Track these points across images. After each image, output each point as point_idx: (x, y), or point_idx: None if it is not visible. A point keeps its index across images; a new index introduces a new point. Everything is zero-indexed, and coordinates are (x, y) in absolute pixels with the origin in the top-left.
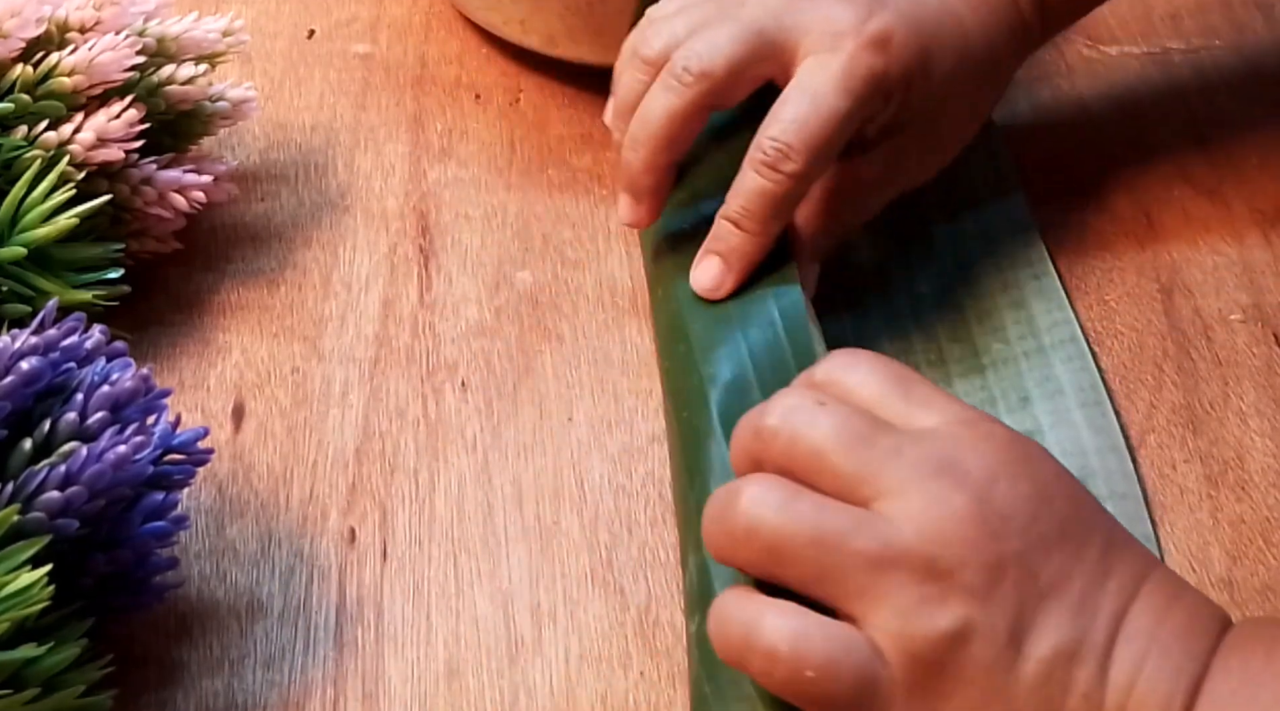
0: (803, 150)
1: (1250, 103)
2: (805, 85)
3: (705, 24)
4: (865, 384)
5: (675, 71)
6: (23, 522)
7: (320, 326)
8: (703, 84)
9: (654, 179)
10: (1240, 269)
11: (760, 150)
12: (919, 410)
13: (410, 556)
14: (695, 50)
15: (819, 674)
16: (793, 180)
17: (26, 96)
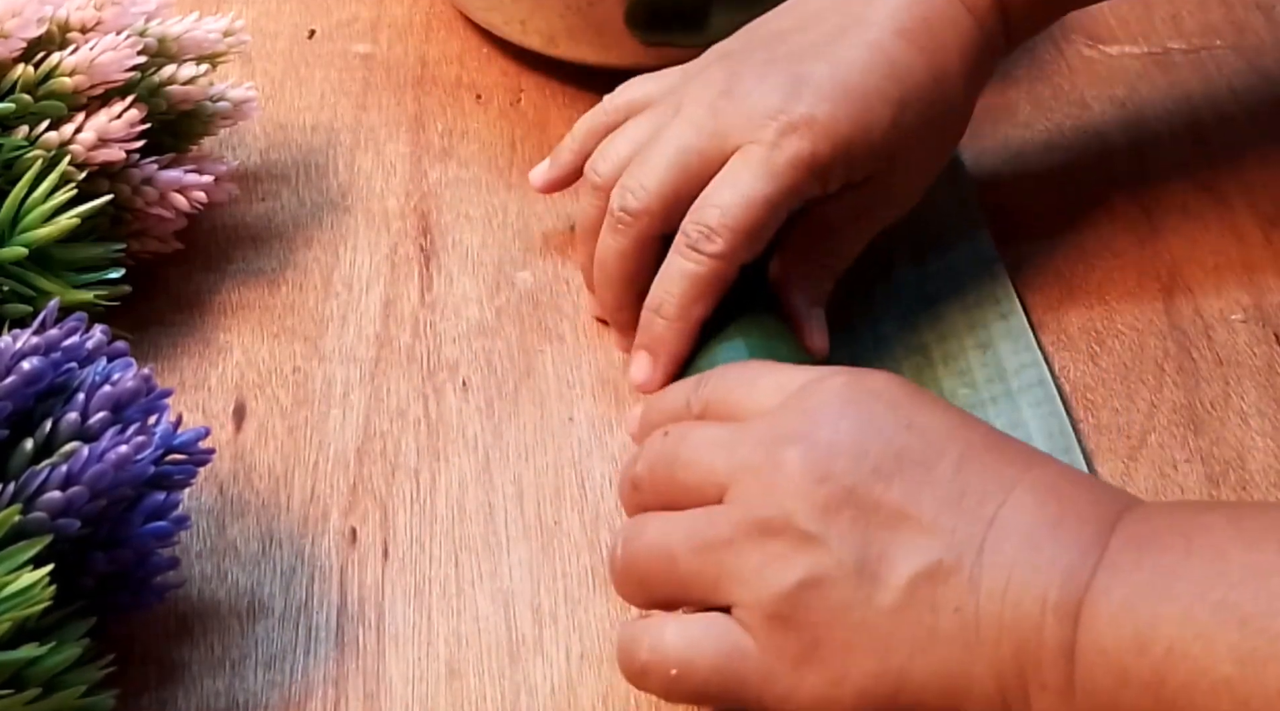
0: (725, 232)
1: (1251, 102)
2: (728, 174)
3: (647, 143)
4: (729, 392)
5: (615, 213)
6: (24, 522)
7: (321, 326)
8: (642, 221)
9: (630, 313)
10: (1241, 269)
11: (684, 234)
12: (766, 398)
13: (411, 556)
14: (630, 189)
15: (681, 668)
16: (715, 260)
17: (28, 96)
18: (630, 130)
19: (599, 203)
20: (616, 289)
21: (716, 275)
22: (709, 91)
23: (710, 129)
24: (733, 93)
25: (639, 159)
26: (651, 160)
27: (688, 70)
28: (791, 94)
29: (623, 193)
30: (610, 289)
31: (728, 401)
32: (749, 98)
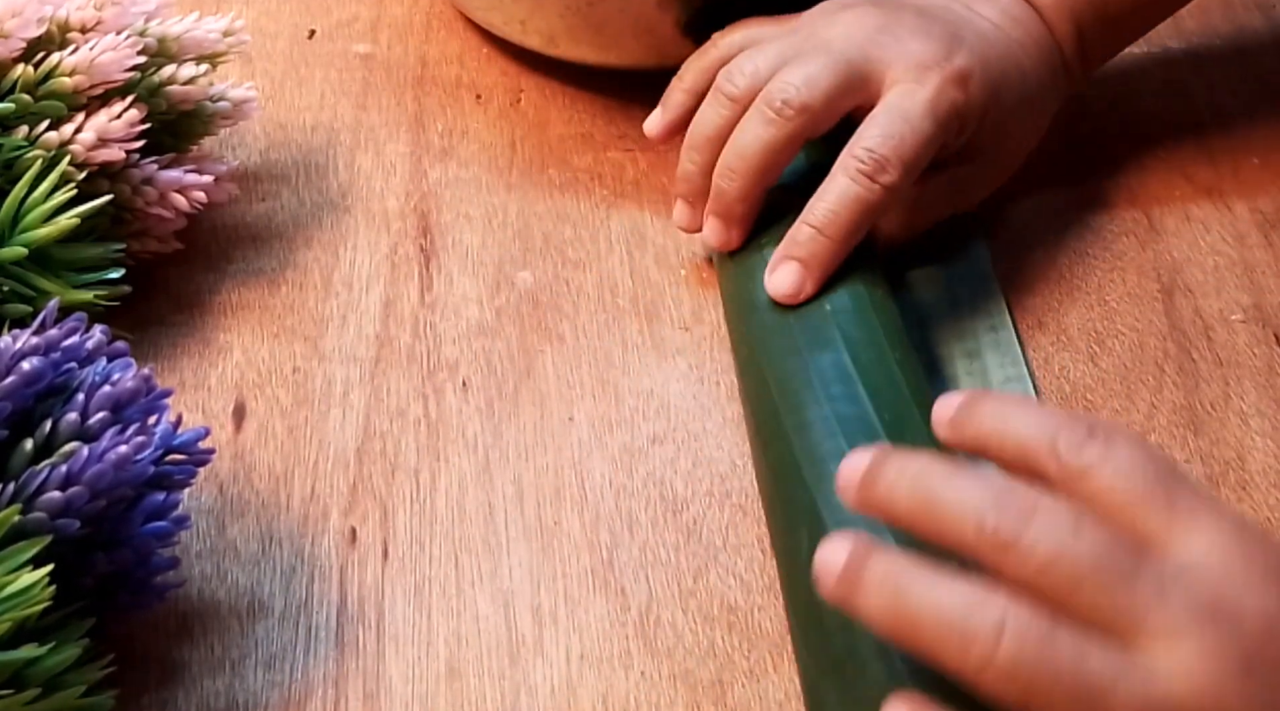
0: (899, 163)
1: (1251, 102)
2: (895, 106)
3: (789, 59)
4: (1126, 478)
5: (774, 105)
6: (24, 523)
7: (321, 326)
8: (803, 117)
9: (748, 207)
10: (1241, 269)
11: (857, 159)
12: (1185, 522)
13: (411, 556)
14: (793, 83)
15: None
16: (886, 191)
17: (27, 96)
18: (769, 49)
19: (727, 112)
20: (750, 180)
21: (883, 204)
22: (865, 25)
23: (872, 55)
24: (891, 31)
25: (797, 62)
26: (814, 63)
27: (813, 13)
28: (951, 46)
29: (785, 87)
30: (742, 177)
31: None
32: (910, 40)
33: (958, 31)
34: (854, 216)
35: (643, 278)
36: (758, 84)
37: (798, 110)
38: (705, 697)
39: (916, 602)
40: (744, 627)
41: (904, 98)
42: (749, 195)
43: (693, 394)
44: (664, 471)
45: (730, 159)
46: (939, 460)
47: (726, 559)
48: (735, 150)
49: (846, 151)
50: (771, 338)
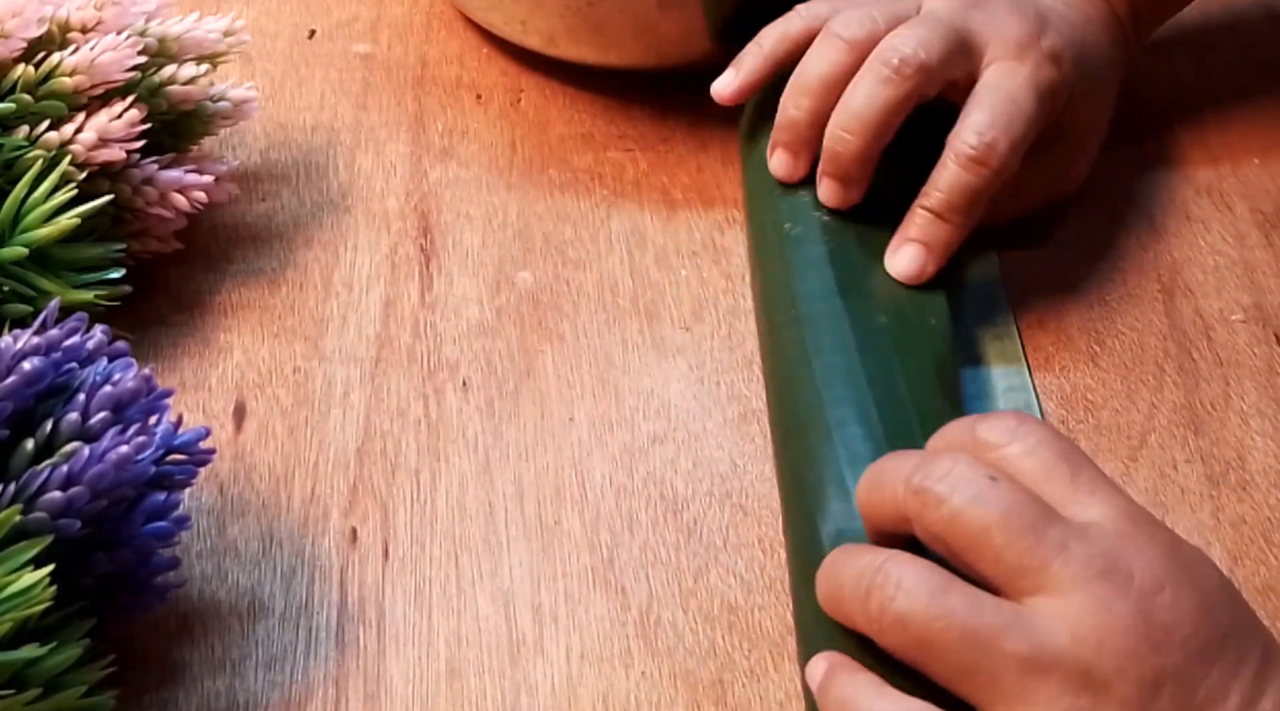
0: (1008, 147)
1: (1251, 102)
2: (998, 86)
3: (901, 19)
4: (1033, 457)
5: (891, 63)
6: (25, 523)
7: (321, 326)
8: (921, 76)
9: (866, 168)
10: (1241, 269)
11: (967, 144)
12: (1084, 497)
13: (412, 556)
14: (910, 43)
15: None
16: (997, 176)
17: (28, 96)
18: (873, 7)
19: (844, 58)
20: (868, 139)
21: (995, 186)
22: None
23: (974, 27)
24: (987, 7)
25: (911, 24)
26: (927, 27)
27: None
28: (1041, 25)
29: (903, 44)
30: (860, 137)
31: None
32: (1005, 16)
33: (1043, 9)
34: (968, 202)
35: (643, 278)
36: (876, 35)
37: (916, 69)
38: (706, 697)
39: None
40: (744, 627)
41: (1005, 77)
42: (868, 156)
43: (693, 394)
44: (664, 471)
45: (845, 119)
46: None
47: (727, 558)
48: (851, 111)
49: (955, 135)
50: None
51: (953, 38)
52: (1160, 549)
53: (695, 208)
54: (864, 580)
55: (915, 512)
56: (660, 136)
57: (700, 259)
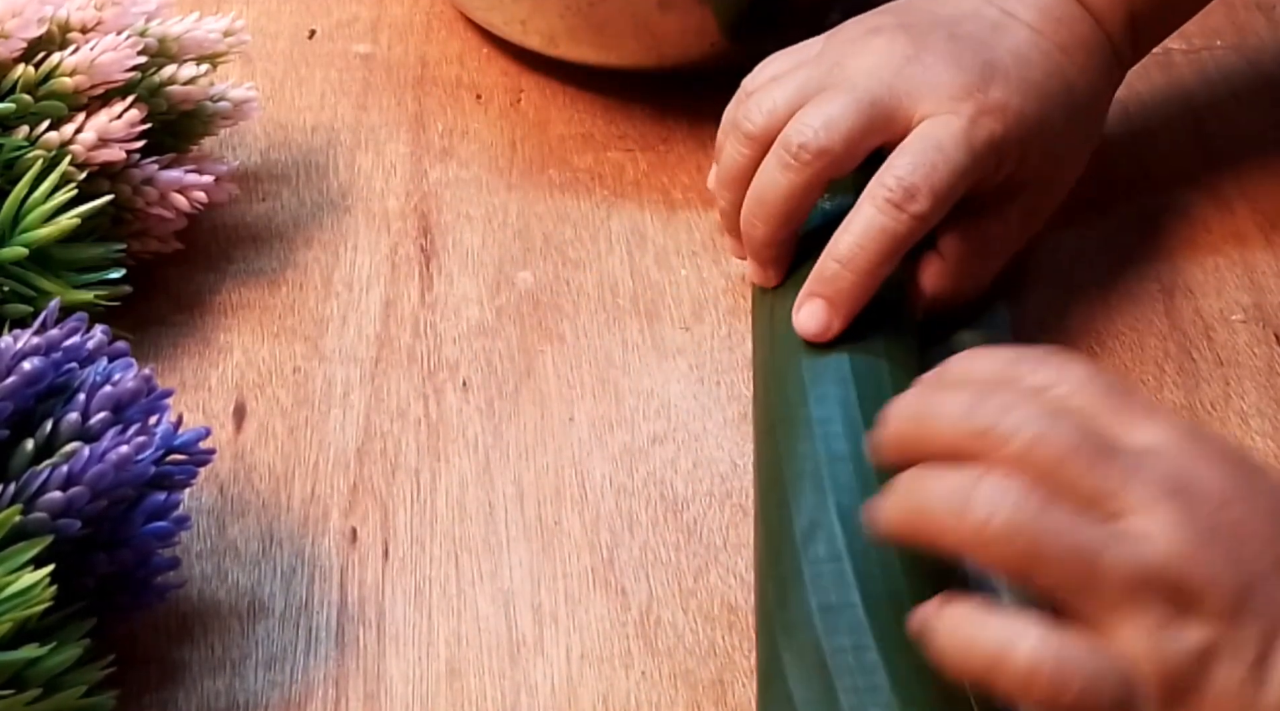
0: (929, 193)
1: (1252, 104)
2: (928, 135)
3: (809, 94)
4: (1082, 392)
5: (792, 149)
6: (25, 523)
7: (321, 326)
8: (822, 161)
9: (777, 251)
10: (1241, 269)
11: (884, 187)
12: (1139, 425)
13: (412, 556)
14: (811, 126)
15: (1080, 696)
16: (915, 221)
17: (28, 97)
18: (789, 82)
19: (749, 152)
20: (774, 226)
21: (912, 235)
22: (891, 54)
23: (898, 88)
24: (920, 60)
25: (818, 101)
26: (834, 103)
27: (838, 39)
28: (985, 76)
29: (802, 129)
30: (768, 225)
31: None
32: (939, 69)
33: (992, 57)
34: (881, 248)
35: (643, 278)
36: (775, 123)
37: (815, 154)
38: (706, 697)
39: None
40: (744, 627)
41: (937, 127)
42: (775, 240)
43: (693, 394)
44: (664, 471)
45: (751, 206)
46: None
47: (727, 558)
48: (755, 196)
49: (875, 180)
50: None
51: (865, 111)
52: (1223, 463)
53: (695, 208)
54: (959, 495)
55: (979, 451)
56: (660, 136)
57: (700, 259)
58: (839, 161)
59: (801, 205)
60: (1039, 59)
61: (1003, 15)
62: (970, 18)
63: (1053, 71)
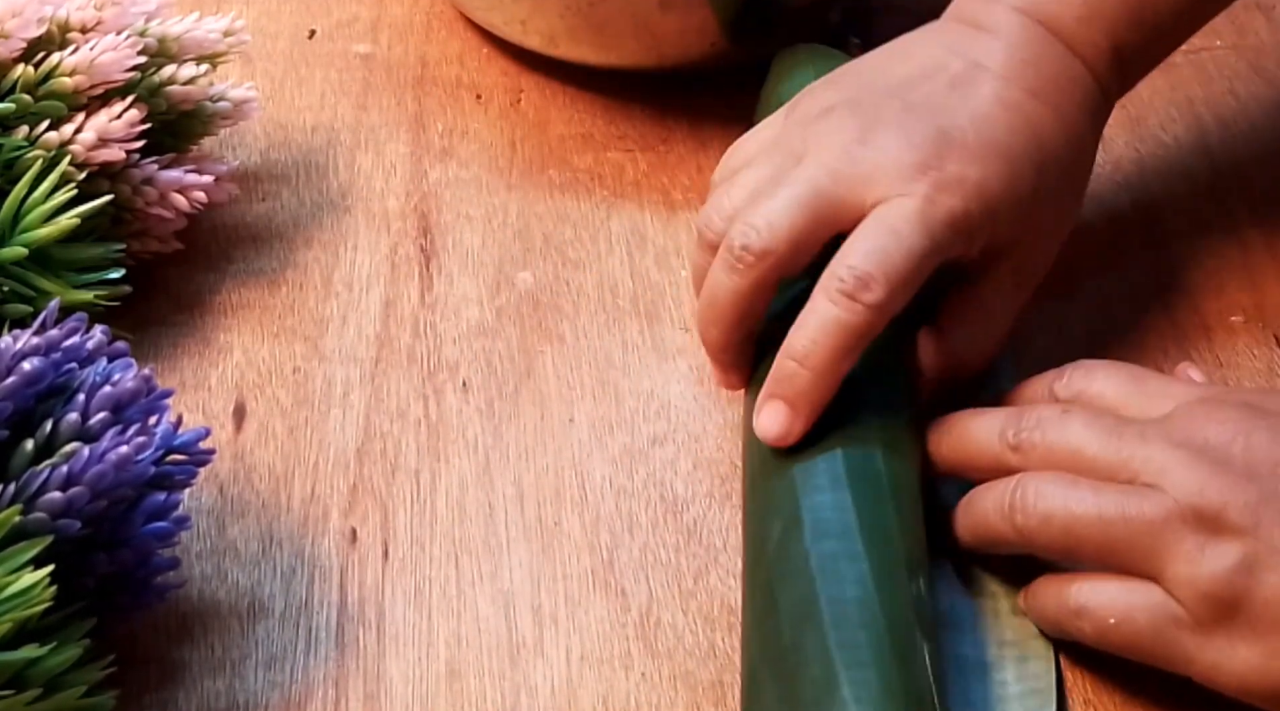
0: (884, 281)
1: (1252, 104)
2: (882, 218)
3: (765, 186)
4: (1106, 388)
5: (735, 252)
6: (24, 523)
7: (321, 326)
8: (765, 261)
9: (735, 353)
10: (1241, 270)
11: (836, 278)
12: (1156, 400)
13: (412, 557)
14: (754, 226)
15: (1119, 618)
16: (872, 312)
17: (28, 97)
18: (744, 178)
19: (705, 259)
20: (725, 328)
21: (870, 327)
22: (840, 137)
23: (847, 175)
24: (870, 141)
25: (763, 196)
26: (779, 199)
27: (793, 121)
28: (939, 149)
29: (745, 230)
30: (719, 327)
31: (1115, 395)
32: (890, 149)
33: (948, 125)
34: (837, 343)
35: (643, 278)
36: (729, 225)
37: (758, 256)
38: (705, 699)
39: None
40: None
41: (890, 214)
42: (728, 343)
43: (693, 395)
44: (664, 472)
45: (703, 310)
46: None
47: (727, 560)
48: (705, 300)
49: (827, 272)
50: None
51: (809, 204)
52: (1229, 413)
53: (695, 208)
54: (1004, 499)
55: (1020, 463)
56: (660, 136)
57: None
58: (784, 260)
59: (752, 307)
60: (1002, 114)
61: (967, 66)
62: (929, 77)
63: (1018, 127)
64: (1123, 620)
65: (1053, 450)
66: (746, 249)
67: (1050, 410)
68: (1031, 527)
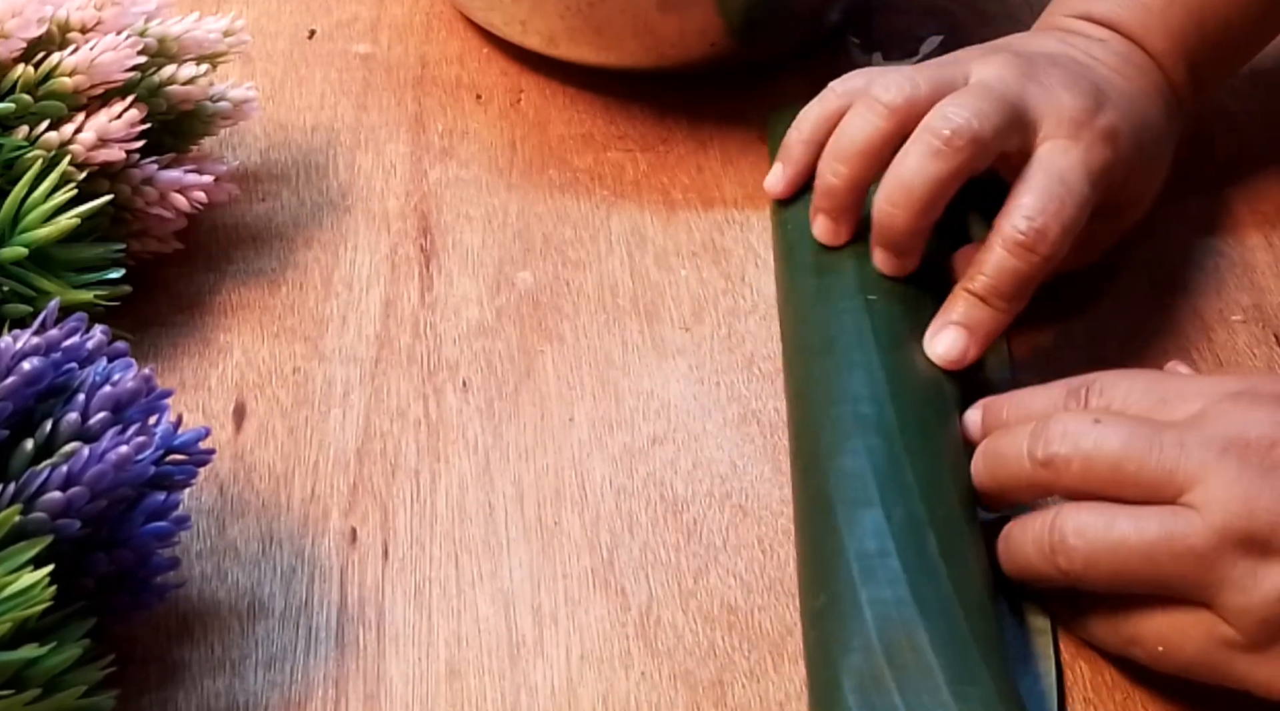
0: (1059, 234)
1: (1251, 103)
2: (1053, 169)
3: (944, 88)
4: (1131, 394)
5: (942, 134)
6: (24, 523)
7: (321, 326)
8: (972, 149)
9: (916, 239)
10: (1241, 269)
11: (1016, 230)
12: (1186, 401)
13: (412, 556)
14: (963, 113)
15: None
16: (1046, 262)
17: (28, 97)
18: (917, 72)
19: (888, 125)
20: (915, 212)
21: (1040, 275)
22: (1015, 70)
23: (1029, 100)
24: (1041, 80)
25: (964, 96)
26: (978, 97)
27: (948, 58)
28: (1098, 100)
29: (955, 114)
30: (909, 211)
31: (1143, 401)
32: (1060, 91)
33: (1099, 84)
34: (1015, 289)
35: (643, 278)
36: (917, 100)
37: (968, 141)
38: (705, 698)
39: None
40: (744, 628)
41: (1059, 156)
42: (916, 229)
43: (693, 394)
44: (664, 472)
45: (893, 191)
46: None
47: (727, 559)
48: (900, 182)
49: (1004, 217)
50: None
51: (1007, 110)
52: (1263, 407)
53: (695, 208)
54: (1044, 542)
55: (1051, 480)
56: (660, 136)
57: (700, 259)
58: (987, 152)
59: (946, 193)
60: (1129, 91)
61: (1087, 57)
62: (1062, 55)
63: (1141, 105)
64: (1172, 647)
65: (1090, 464)
66: (957, 132)
67: (1078, 421)
68: (1076, 571)
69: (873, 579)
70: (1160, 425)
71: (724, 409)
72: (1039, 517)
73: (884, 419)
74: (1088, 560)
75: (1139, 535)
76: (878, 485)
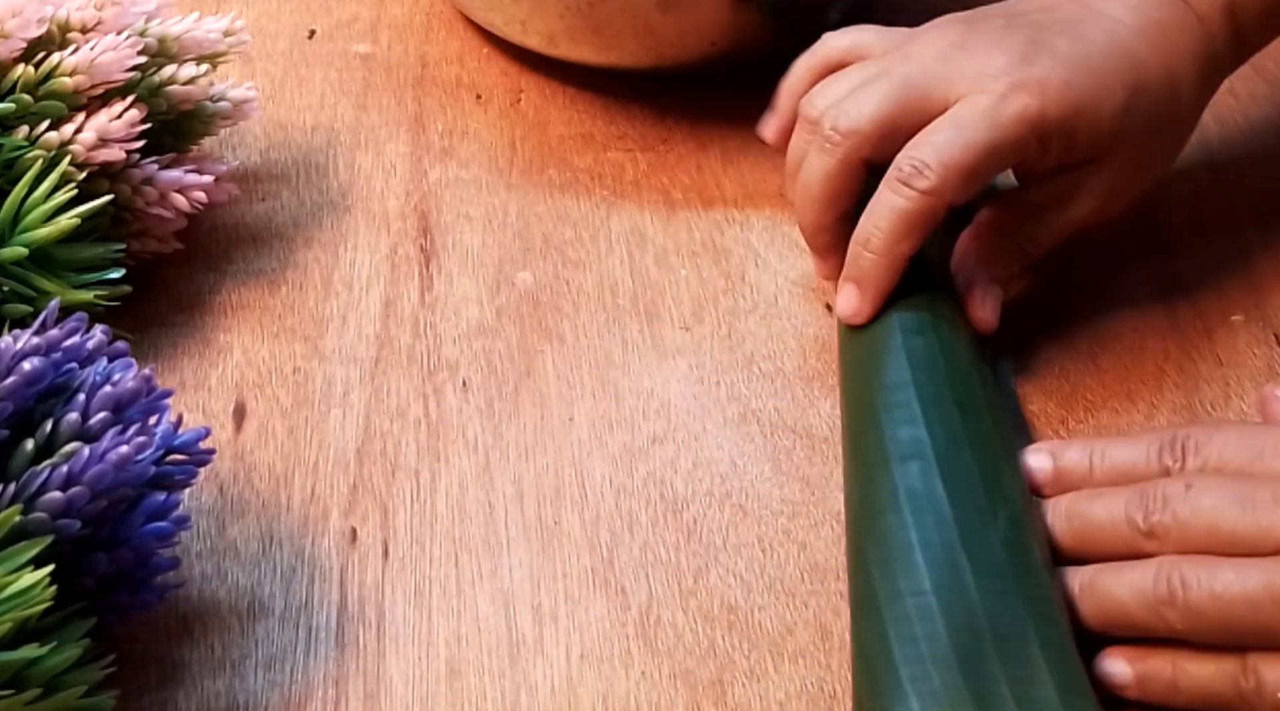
0: (938, 169)
1: (1251, 103)
2: (951, 116)
3: (870, 79)
4: (1226, 449)
5: (825, 132)
6: (25, 523)
7: (321, 326)
8: (851, 141)
9: (828, 236)
10: (1241, 270)
11: (896, 168)
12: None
13: (412, 556)
14: (843, 109)
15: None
16: (925, 197)
17: (28, 97)
18: (852, 73)
19: (812, 137)
20: (817, 210)
21: (925, 212)
22: (941, 42)
23: (937, 73)
24: (967, 45)
25: (859, 88)
26: (872, 89)
27: (915, 29)
28: (1028, 56)
29: (836, 113)
30: (811, 209)
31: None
32: (982, 52)
33: (1041, 37)
34: (896, 227)
35: (643, 278)
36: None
37: (845, 134)
38: (705, 697)
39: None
40: (744, 627)
41: (961, 108)
42: (821, 224)
43: (693, 394)
44: (664, 471)
45: (797, 192)
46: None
47: (727, 558)
48: (800, 184)
49: (894, 163)
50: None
51: (900, 93)
52: None
53: (695, 208)
54: (1149, 591)
55: (1156, 548)
56: (660, 136)
57: (700, 259)
58: (869, 142)
59: (841, 187)
60: (1101, 40)
61: (1082, 8)
62: (1044, 10)
63: (1114, 52)
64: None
65: (1187, 529)
66: (835, 128)
67: (1174, 486)
68: (1187, 624)
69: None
70: (1253, 481)
71: (724, 408)
72: (1137, 568)
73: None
74: (1197, 613)
75: (1243, 584)
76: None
